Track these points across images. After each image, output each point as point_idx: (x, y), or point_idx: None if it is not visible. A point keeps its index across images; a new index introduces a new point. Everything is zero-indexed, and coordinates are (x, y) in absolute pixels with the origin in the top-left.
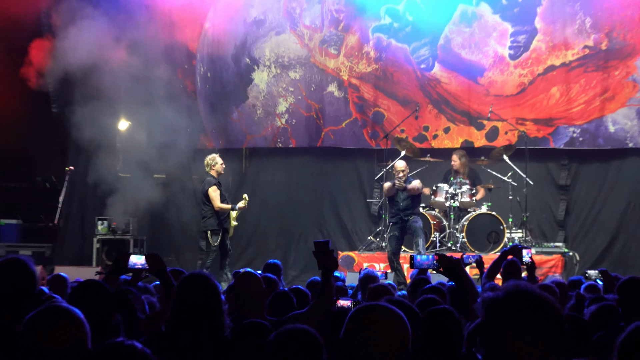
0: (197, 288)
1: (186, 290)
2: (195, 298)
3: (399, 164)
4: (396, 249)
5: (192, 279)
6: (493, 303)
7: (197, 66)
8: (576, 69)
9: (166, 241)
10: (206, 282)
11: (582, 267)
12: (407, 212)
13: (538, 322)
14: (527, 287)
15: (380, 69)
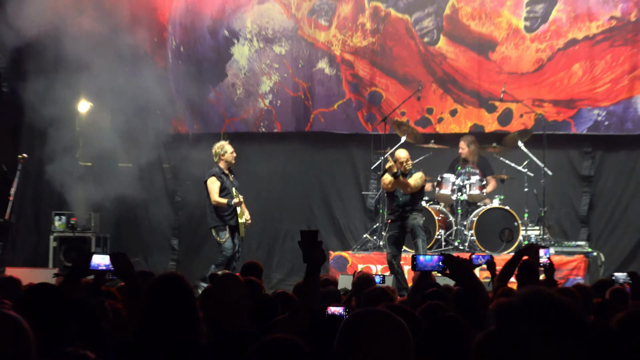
0: (169, 292)
1: (157, 295)
2: (168, 303)
3: (400, 154)
4: (396, 250)
5: (164, 281)
6: (507, 310)
7: (168, 39)
8: (601, 43)
9: (133, 239)
10: (180, 285)
11: (608, 270)
12: (407, 207)
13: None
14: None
15: (378, 43)
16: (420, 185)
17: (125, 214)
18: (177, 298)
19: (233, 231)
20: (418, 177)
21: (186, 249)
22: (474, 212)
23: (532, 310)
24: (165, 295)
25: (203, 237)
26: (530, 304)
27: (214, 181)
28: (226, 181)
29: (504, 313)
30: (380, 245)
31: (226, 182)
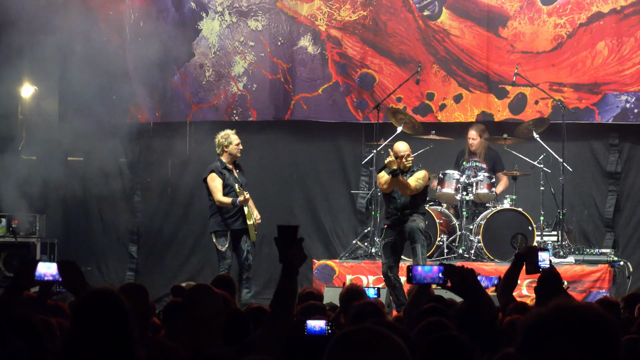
0: (97, 311)
1: (83, 315)
2: (95, 325)
3: (400, 147)
4: (393, 261)
5: (91, 299)
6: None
7: (125, 12)
8: (631, 17)
9: (85, 246)
10: (110, 303)
11: (637, 282)
12: (406, 211)
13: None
14: (589, 307)
15: (370, 17)
16: (422, 187)
17: (75, 217)
18: (105, 318)
19: (240, 235)
20: (420, 177)
21: (146, 257)
22: (482, 214)
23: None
24: (91, 315)
25: (165, 243)
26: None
27: (214, 178)
28: (229, 177)
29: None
30: (373, 252)
31: (229, 178)
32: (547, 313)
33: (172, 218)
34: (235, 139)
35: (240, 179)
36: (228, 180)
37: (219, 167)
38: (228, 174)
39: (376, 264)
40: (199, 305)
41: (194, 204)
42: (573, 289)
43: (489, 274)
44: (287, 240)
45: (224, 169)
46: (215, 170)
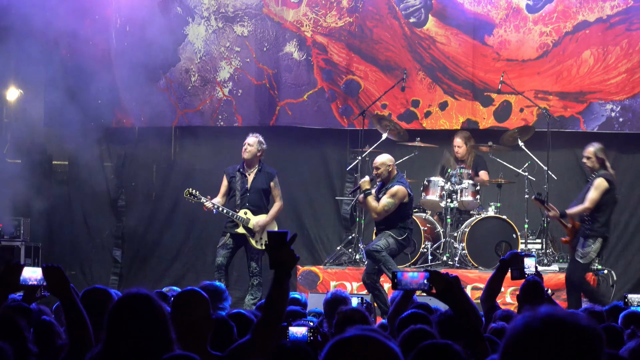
0: (135, 313)
1: (121, 316)
2: (134, 327)
3: (376, 158)
4: (370, 268)
5: (129, 300)
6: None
7: (111, 17)
8: (617, 27)
9: (69, 250)
10: (148, 305)
11: (620, 290)
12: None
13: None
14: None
15: (356, 24)
16: (393, 206)
17: (60, 220)
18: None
19: (244, 241)
20: (393, 193)
21: (131, 261)
22: (466, 221)
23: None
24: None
25: (150, 248)
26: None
27: (223, 179)
28: (236, 181)
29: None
30: (357, 259)
31: (235, 182)
32: (533, 321)
33: (157, 223)
34: (246, 141)
35: (254, 184)
36: (234, 185)
37: (231, 170)
38: (239, 176)
39: (360, 270)
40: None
41: (178, 208)
42: (557, 297)
43: (473, 281)
44: (277, 246)
45: (238, 171)
46: (225, 172)
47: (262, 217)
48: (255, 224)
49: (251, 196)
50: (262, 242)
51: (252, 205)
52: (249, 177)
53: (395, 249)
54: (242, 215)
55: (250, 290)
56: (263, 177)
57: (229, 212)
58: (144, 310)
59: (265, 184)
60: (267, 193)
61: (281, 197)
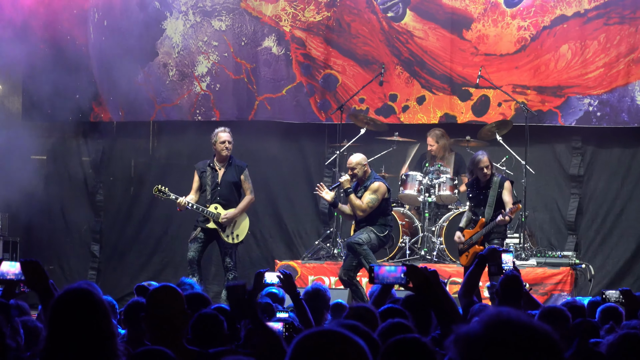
0: (76, 307)
1: (63, 311)
2: (75, 321)
3: (350, 158)
4: (347, 265)
5: (70, 295)
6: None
7: (89, 12)
8: (594, 21)
9: (47, 244)
10: (89, 299)
11: (598, 285)
12: (361, 224)
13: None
14: (516, 316)
15: (334, 18)
16: (377, 202)
17: (38, 215)
18: (84, 314)
19: (215, 236)
20: (374, 190)
21: (109, 256)
22: (444, 216)
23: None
24: (71, 311)
25: (128, 242)
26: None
27: (194, 175)
28: (207, 177)
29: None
30: (335, 253)
31: (206, 177)
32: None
33: (135, 217)
34: (221, 137)
35: (225, 178)
36: (204, 180)
37: (202, 165)
38: (210, 171)
39: (338, 265)
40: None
41: (156, 203)
42: (535, 292)
43: (451, 275)
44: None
45: (209, 166)
46: (196, 167)
47: (232, 210)
48: (224, 216)
49: (222, 190)
50: (233, 235)
51: (223, 200)
52: (220, 172)
53: (376, 244)
54: (212, 210)
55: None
56: (233, 170)
57: (199, 208)
58: (83, 305)
59: (235, 178)
60: (238, 187)
61: (252, 191)
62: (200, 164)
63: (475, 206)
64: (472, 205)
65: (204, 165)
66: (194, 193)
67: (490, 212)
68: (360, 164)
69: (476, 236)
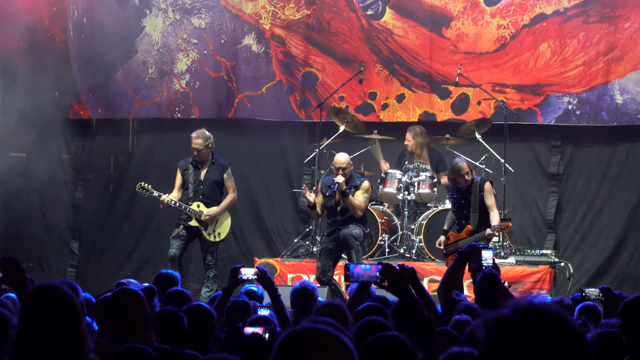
0: (46, 305)
1: (31, 309)
2: (44, 319)
3: (339, 158)
4: (328, 265)
5: (39, 293)
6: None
7: (69, 9)
8: (574, 19)
9: (26, 242)
10: (58, 297)
11: (577, 283)
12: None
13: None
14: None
15: (314, 16)
16: (368, 203)
17: (16, 212)
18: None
19: (197, 233)
20: (365, 189)
21: (88, 254)
22: (423, 214)
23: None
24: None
25: (107, 240)
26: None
27: (177, 173)
28: (189, 174)
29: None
30: (314, 251)
31: (188, 175)
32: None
33: (114, 215)
34: (191, 139)
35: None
36: (187, 178)
37: (186, 162)
38: (192, 169)
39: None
40: (119, 310)
41: (136, 201)
42: (514, 290)
43: (430, 274)
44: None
45: (191, 164)
46: (178, 165)
47: (214, 208)
48: (206, 214)
49: (204, 188)
50: (215, 234)
51: (206, 198)
52: (202, 170)
53: (362, 240)
54: (194, 208)
55: (206, 283)
56: (216, 169)
57: (181, 206)
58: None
59: (218, 176)
60: (221, 185)
61: (235, 189)
62: (183, 161)
63: (457, 210)
64: (454, 209)
65: (187, 163)
66: (176, 191)
67: (476, 218)
68: (349, 163)
69: (463, 242)
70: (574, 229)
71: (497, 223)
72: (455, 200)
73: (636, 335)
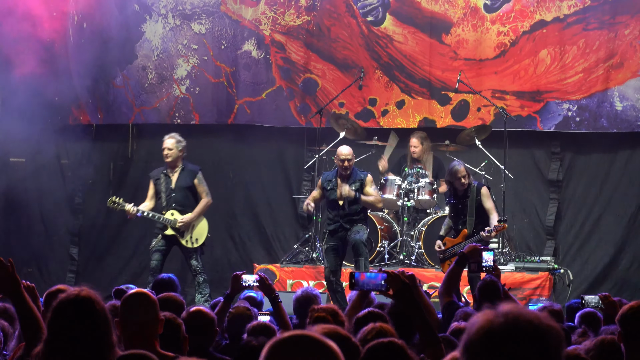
0: (76, 316)
1: (62, 319)
2: (75, 329)
3: (340, 150)
4: (335, 265)
5: (69, 303)
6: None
7: (69, 14)
8: (573, 26)
9: (26, 247)
10: (90, 308)
11: (577, 290)
12: (352, 218)
13: None
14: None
15: (314, 22)
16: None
17: (16, 217)
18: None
19: (176, 241)
20: (373, 185)
21: (87, 259)
22: (423, 220)
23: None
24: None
25: (106, 245)
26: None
27: (150, 184)
28: (161, 184)
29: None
30: (314, 257)
31: (160, 185)
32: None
33: (113, 220)
34: (163, 143)
35: (178, 184)
36: (159, 187)
37: (157, 172)
38: (164, 178)
39: (317, 269)
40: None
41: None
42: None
43: (430, 280)
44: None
45: (162, 173)
46: (150, 176)
47: (188, 215)
48: (180, 222)
49: (176, 196)
50: (192, 240)
51: (179, 205)
52: (173, 178)
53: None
54: (169, 217)
55: (198, 289)
56: (186, 175)
57: (154, 216)
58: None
59: (189, 182)
60: (193, 191)
61: (208, 193)
62: (155, 172)
63: (454, 215)
64: (451, 214)
65: (158, 173)
66: (148, 200)
67: (472, 222)
68: (353, 155)
69: (459, 246)
70: (574, 236)
71: (493, 225)
72: (452, 205)
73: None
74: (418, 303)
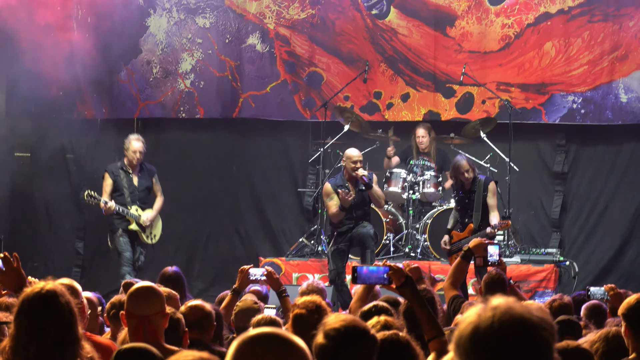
0: (40, 310)
1: (25, 314)
2: (38, 324)
3: (351, 152)
4: (342, 266)
5: (34, 297)
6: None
7: (73, 8)
8: (578, 18)
9: (31, 241)
10: (53, 302)
11: (582, 282)
12: (360, 221)
13: None
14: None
15: (318, 16)
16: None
17: (22, 212)
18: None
19: (135, 236)
20: (376, 184)
21: (92, 253)
22: (428, 213)
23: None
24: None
25: None
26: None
27: (106, 178)
28: (121, 180)
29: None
30: (319, 250)
31: (121, 180)
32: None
33: None
34: (134, 146)
35: (141, 182)
36: (120, 183)
37: (114, 168)
38: (124, 175)
39: (322, 262)
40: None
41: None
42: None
43: (435, 272)
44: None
45: (121, 169)
46: (108, 170)
47: (149, 212)
48: (145, 220)
49: (140, 193)
50: (152, 236)
51: (142, 202)
52: (134, 175)
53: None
54: (134, 212)
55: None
56: (146, 174)
57: (124, 211)
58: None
59: (149, 181)
60: (150, 190)
61: (162, 193)
62: (112, 166)
63: (461, 209)
64: (458, 207)
65: (116, 168)
66: (107, 196)
67: (479, 217)
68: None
69: (465, 241)
70: (579, 228)
71: (498, 221)
72: (459, 198)
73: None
74: (421, 296)
